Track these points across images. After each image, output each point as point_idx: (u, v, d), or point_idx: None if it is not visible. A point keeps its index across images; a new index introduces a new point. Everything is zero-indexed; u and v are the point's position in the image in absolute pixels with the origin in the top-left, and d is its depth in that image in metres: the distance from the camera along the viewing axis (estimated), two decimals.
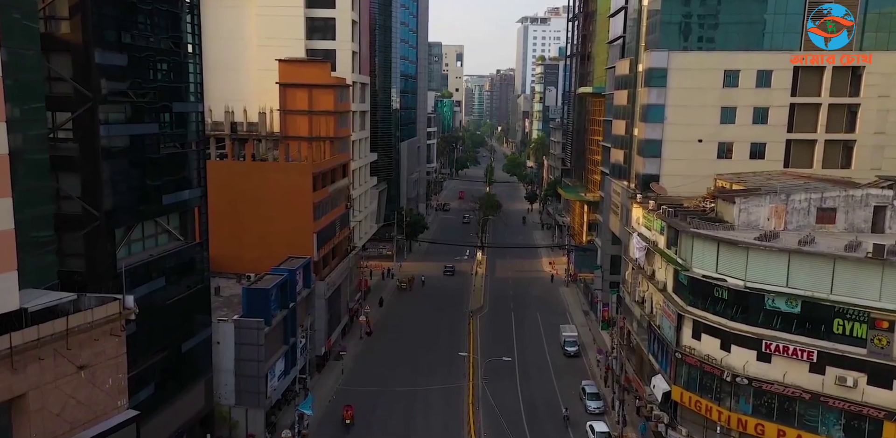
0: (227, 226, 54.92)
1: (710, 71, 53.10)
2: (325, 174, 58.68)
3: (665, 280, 44.99)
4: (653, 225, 48.71)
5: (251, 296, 44.17)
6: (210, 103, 67.64)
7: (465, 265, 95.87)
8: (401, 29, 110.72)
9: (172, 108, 36.44)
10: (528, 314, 74.24)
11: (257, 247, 54.95)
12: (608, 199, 69.04)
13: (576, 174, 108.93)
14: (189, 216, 39.14)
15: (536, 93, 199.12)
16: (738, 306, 37.59)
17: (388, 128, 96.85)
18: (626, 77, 63.72)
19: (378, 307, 77.16)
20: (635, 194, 55.08)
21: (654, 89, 54.31)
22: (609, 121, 75.05)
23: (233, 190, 54.78)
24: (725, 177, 50.98)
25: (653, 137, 55.08)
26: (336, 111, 61.87)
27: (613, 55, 75.25)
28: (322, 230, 57.16)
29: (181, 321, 38.02)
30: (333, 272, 60.00)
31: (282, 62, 61.27)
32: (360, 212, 76.01)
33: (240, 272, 54.75)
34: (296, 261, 52.27)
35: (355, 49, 70.74)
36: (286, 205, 54.56)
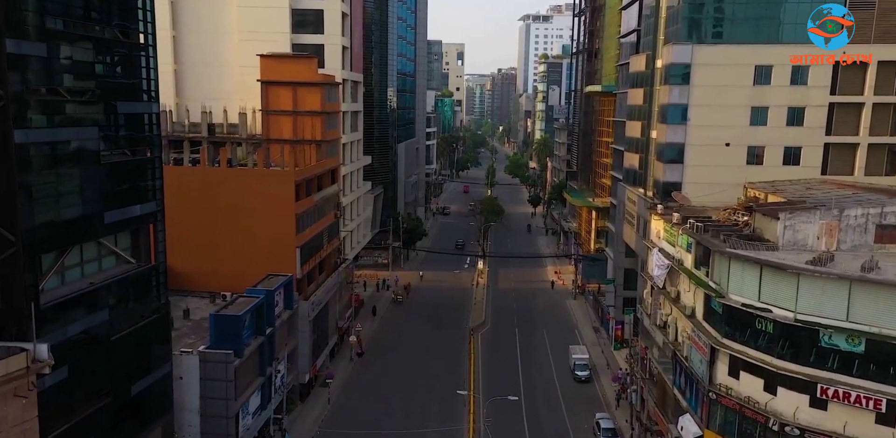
0: (200, 240, 49.44)
1: (740, 66, 47.35)
2: (311, 181, 53.06)
3: (693, 305, 39.33)
4: (677, 240, 43.06)
5: (220, 324, 38.55)
6: (187, 103, 62.48)
7: (465, 276, 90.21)
8: (398, 24, 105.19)
9: (118, 109, 30.80)
10: (533, 331, 68.62)
11: (234, 263, 49.35)
12: (621, 208, 63.36)
13: (582, 177, 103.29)
14: (142, 234, 33.52)
15: (539, 93, 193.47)
16: (787, 342, 31.94)
17: (384, 129, 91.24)
18: (642, 74, 58.05)
19: (371, 316, 71.82)
20: (654, 204, 49.39)
21: (676, 87, 48.63)
22: (621, 121, 69.40)
23: (207, 199, 49.24)
24: (758, 186, 45.32)
25: (674, 141, 49.39)
26: (323, 111, 56.27)
27: (626, 51, 69.57)
28: (306, 243, 51.55)
29: (131, 358, 32.38)
30: (320, 289, 54.37)
31: (264, 57, 55.67)
32: (351, 221, 70.38)
33: (214, 291, 49.17)
34: (275, 280, 46.65)
35: (346, 44, 65.08)
36: (266, 217, 48.95)
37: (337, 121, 61.03)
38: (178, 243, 49.67)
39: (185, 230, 49.23)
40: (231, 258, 49.39)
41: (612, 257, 69.53)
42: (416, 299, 78.57)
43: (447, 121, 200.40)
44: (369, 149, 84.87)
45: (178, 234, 49.56)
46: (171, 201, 49.10)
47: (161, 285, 34.61)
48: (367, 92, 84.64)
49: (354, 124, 71.64)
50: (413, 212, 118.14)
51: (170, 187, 49.17)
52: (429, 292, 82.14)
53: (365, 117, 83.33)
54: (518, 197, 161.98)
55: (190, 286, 49.67)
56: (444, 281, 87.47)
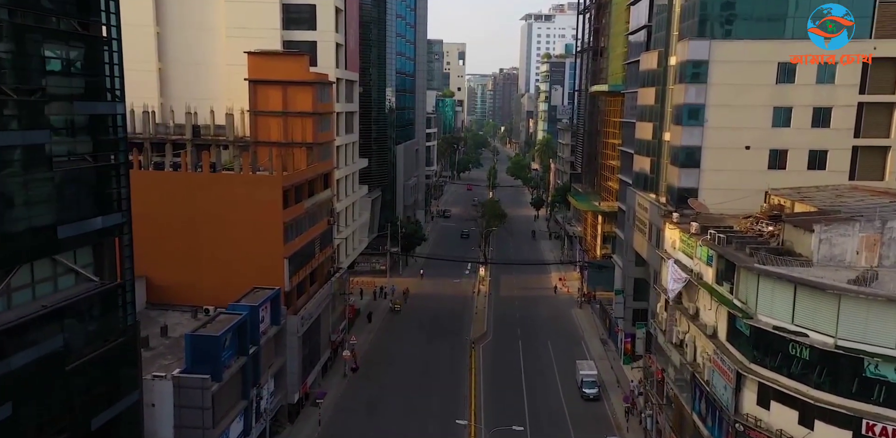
0: (181, 250, 46.17)
1: (762, 63, 43.98)
2: (301, 186, 49.69)
3: (715, 324, 35.93)
4: (695, 252, 39.66)
5: (196, 346, 35.21)
6: (172, 103, 59.19)
7: (466, 283, 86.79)
8: (397, 22, 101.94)
9: (76, 109, 27.49)
10: (537, 343, 65.20)
11: (218, 275, 46.01)
12: (630, 214, 59.95)
13: (587, 180, 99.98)
14: (106, 249, 30.19)
15: (542, 93, 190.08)
16: (826, 370, 28.56)
17: (382, 130, 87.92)
18: (654, 72, 54.67)
19: (367, 324, 68.70)
20: (669, 212, 46.00)
21: (693, 86, 45.25)
22: (629, 123, 66.08)
23: (188, 207, 45.92)
24: (782, 193, 41.91)
25: (690, 144, 46.01)
26: (315, 112, 52.92)
27: (634, 48, 66.20)
28: (296, 253, 48.18)
29: (92, 388, 29.06)
30: (311, 301, 51.00)
31: (251, 55, 52.33)
32: (346, 227, 67.05)
33: (197, 304, 45.83)
34: (261, 294, 43.31)
35: (340, 41, 61.73)
36: (251, 225, 45.58)
37: (330, 123, 57.70)
38: (157, 254, 46.61)
39: (165, 240, 46.09)
40: (214, 269, 46.06)
41: (620, 265, 66.12)
42: (414, 307, 75.20)
43: (448, 121, 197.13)
44: (367, 150, 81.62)
45: (157, 244, 46.49)
46: (150, 209, 46.29)
47: (128, 304, 31.28)
48: (365, 92, 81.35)
49: (350, 125, 68.30)
50: (412, 215, 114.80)
51: (149, 194, 46.36)
52: (428, 300, 78.78)
53: (362, 118, 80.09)
54: (520, 199, 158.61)
55: (171, 299, 46.42)
56: (445, 288, 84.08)
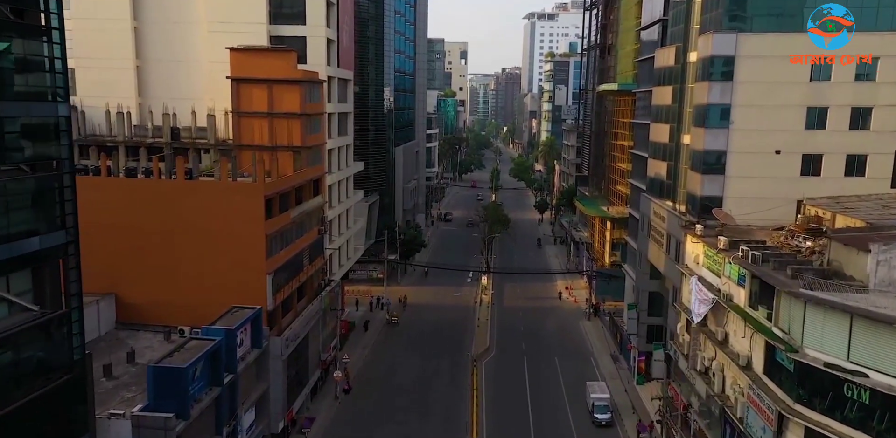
0: (153, 266, 42.06)
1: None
2: (287, 194, 45.52)
3: (749, 354, 31.68)
4: (723, 269, 35.43)
5: (160, 379, 30.96)
6: (151, 103, 55.04)
7: (467, 292, 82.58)
8: (395, 19, 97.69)
9: (5, 112, 23.31)
10: (544, 359, 60.93)
11: (194, 293, 41.84)
12: (645, 222, 55.66)
13: (594, 183, 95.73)
14: (47, 273, 26.00)
15: (545, 92, 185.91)
16: (889, 417, 24.27)
17: (380, 132, 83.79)
18: (670, 69, 50.41)
19: (363, 333, 64.77)
20: (691, 223, 41.74)
21: (717, 84, 40.98)
22: (642, 124, 61.83)
23: (161, 217, 41.77)
24: (819, 203, 37.63)
25: (714, 148, 41.75)
26: (304, 113, 48.77)
27: (647, 45, 61.93)
28: (281, 268, 44.00)
29: (29, 435, 24.91)
30: (298, 320, 46.82)
31: (234, 51, 48.25)
32: (339, 236, 62.85)
33: (171, 325, 41.62)
34: (240, 314, 39.05)
35: (331, 37, 57.49)
36: (231, 238, 41.42)
37: (321, 124, 53.49)
38: (128, 269, 42.52)
39: (136, 254, 42.01)
40: (190, 286, 41.90)
41: (632, 276, 61.85)
42: (413, 319, 71.03)
43: (450, 121, 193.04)
44: (363, 153, 77.56)
45: (128, 259, 42.36)
46: (119, 219, 42.22)
47: (76, 336, 27.04)
48: (362, 91, 77.36)
49: (343, 127, 64.07)
50: (412, 219, 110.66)
51: (119, 203, 42.32)
52: (428, 310, 74.63)
53: (359, 119, 76.09)
54: (524, 201, 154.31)
55: (142, 318, 42.29)
56: (445, 297, 79.87)
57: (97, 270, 41.88)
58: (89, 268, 41.96)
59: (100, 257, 41.82)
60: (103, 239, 41.78)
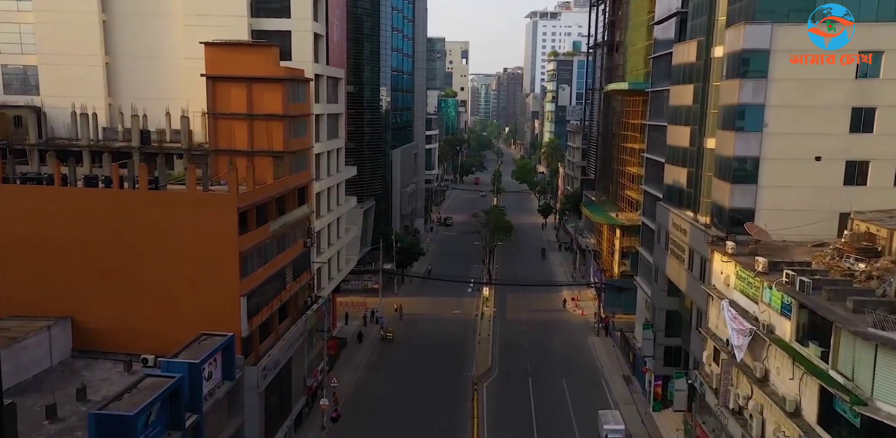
0: (114, 287, 37.35)
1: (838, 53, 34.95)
2: (266, 205, 40.86)
3: (797, 398, 26.98)
4: (761, 294, 30.77)
5: (103, 429, 26.28)
6: (122, 103, 50.41)
7: (468, 303, 77.91)
8: (393, 15, 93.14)
9: None
10: (550, 381, 56.18)
11: (159, 318, 37.23)
12: (662, 234, 50.94)
13: (601, 187, 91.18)
14: None
15: (548, 92, 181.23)
16: None
17: (376, 134, 79.09)
18: (691, 66, 45.73)
19: (357, 344, 61.09)
20: (720, 238, 37.03)
21: (748, 82, 36.27)
22: (657, 126, 57.21)
23: (122, 233, 37.10)
24: (870, 218, 32.96)
25: (745, 154, 37.02)
26: (287, 115, 44.16)
27: (662, 40, 57.31)
28: (258, 288, 39.33)
29: None
30: (279, 345, 42.11)
31: (209, 46, 43.62)
32: (329, 247, 58.18)
33: (133, 352, 36.91)
34: (209, 343, 34.49)
35: (319, 31, 52.83)
36: (200, 256, 36.76)
37: (306, 127, 48.83)
38: (86, 290, 37.56)
39: (95, 274, 37.30)
40: (155, 310, 37.26)
41: (646, 291, 57.16)
42: (409, 334, 66.33)
43: (451, 122, 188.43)
44: (359, 156, 72.97)
45: (86, 279, 37.40)
46: (76, 235, 37.56)
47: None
48: (357, 91, 72.79)
49: (334, 129, 59.40)
50: (411, 224, 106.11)
51: (75, 216, 37.66)
52: (425, 323, 69.99)
53: (354, 120, 71.64)
54: (527, 205, 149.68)
55: (102, 345, 37.53)
56: (445, 308, 75.21)
57: (51, 292, 37.67)
58: (42, 290, 37.94)
59: (54, 277, 37.58)
60: (58, 257, 37.37)
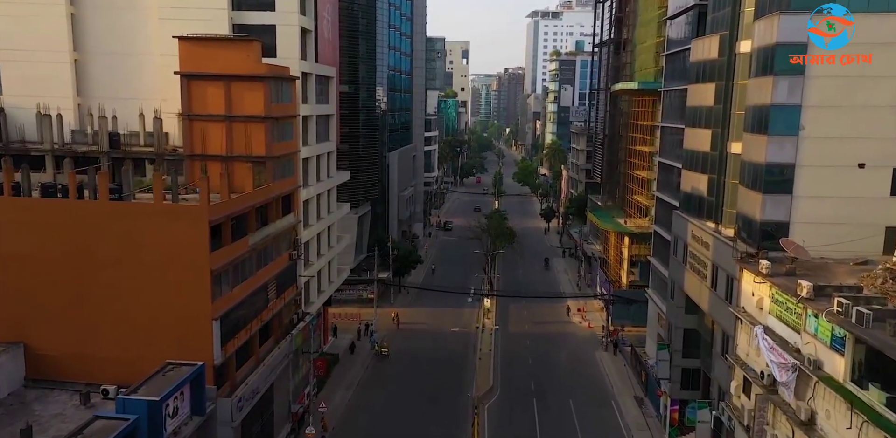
0: (73, 309, 33.37)
1: (887, 46, 31.01)
2: (244, 216, 36.90)
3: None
4: (804, 323, 26.79)
5: None
6: (91, 103, 46.47)
7: (468, 313, 73.93)
8: (390, 11, 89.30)
9: None
10: (557, 403, 52.16)
11: (121, 343, 33.30)
12: (679, 246, 46.91)
13: (607, 191, 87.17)
14: None
15: (550, 93, 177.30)
16: None
17: (372, 136, 75.11)
18: (712, 63, 41.75)
19: (348, 355, 58.26)
20: (750, 256, 33.02)
21: (784, 80, 32.26)
22: (671, 128, 53.36)
23: (81, 248, 33.11)
24: None
25: (779, 160, 33.02)
26: (269, 116, 40.21)
27: (677, 36, 53.40)
28: (235, 309, 35.35)
29: None
30: (259, 370, 38.07)
31: (183, 40, 39.71)
32: (321, 257, 54.23)
33: (93, 381, 32.98)
34: (175, 374, 30.51)
35: (307, 26, 48.89)
36: (167, 275, 32.80)
37: (292, 130, 44.82)
38: (41, 313, 33.36)
39: (51, 294, 33.24)
40: (117, 336, 33.31)
41: (658, 305, 53.20)
42: (405, 348, 62.28)
43: (451, 123, 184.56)
44: (353, 159, 69.12)
45: (41, 301, 33.18)
46: (30, 251, 33.30)
47: None
48: (351, 91, 68.90)
49: (324, 132, 55.39)
50: (409, 229, 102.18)
51: (27, 230, 33.15)
52: (423, 337, 65.99)
53: (349, 122, 67.93)
54: (529, 208, 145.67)
55: (58, 374, 33.59)
56: (443, 320, 71.23)
57: (1, 314, 33.80)
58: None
59: (5, 298, 33.57)
60: (9, 275, 33.37)
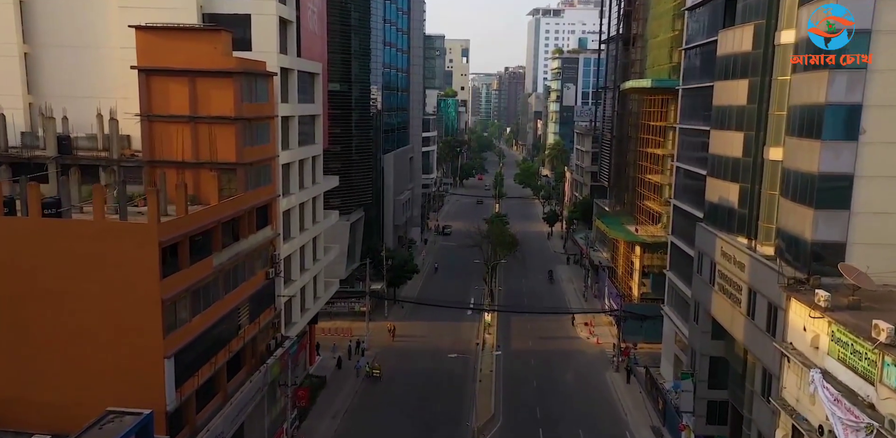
0: (0, 345, 28.43)
1: None
2: (208, 233, 31.88)
3: None
4: (877, 372, 21.77)
5: None
6: (43, 102, 41.28)
7: (468, 328, 68.92)
8: (384, 5, 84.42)
9: None
10: (565, 433, 47.12)
11: (60, 385, 28.32)
12: (705, 263, 41.81)
13: (615, 195, 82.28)
14: None
15: (552, 92, 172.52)
16: None
17: (366, 137, 70.17)
18: (745, 57, 36.67)
19: (336, 370, 54.59)
20: (800, 282, 27.98)
21: (841, 74, 27.28)
22: (689, 129, 48.42)
23: (11, 274, 28.09)
24: None
25: (834, 170, 28.03)
26: (240, 117, 35.25)
27: (698, 27, 48.43)
28: (194, 343, 30.30)
29: None
30: (225, 411, 32.98)
31: (140, 30, 34.85)
32: (305, 272, 49.16)
33: (26, 430, 28.05)
34: (115, 427, 25.37)
35: (287, 15, 43.77)
36: (111, 305, 27.78)
37: (269, 132, 39.76)
38: None
39: None
40: (55, 377, 28.32)
41: (677, 325, 48.22)
42: (399, 369, 57.17)
43: (451, 122, 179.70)
44: (345, 162, 64.43)
45: None
46: None
47: None
48: (343, 89, 64.03)
49: (308, 134, 50.23)
50: (405, 234, 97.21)
51: None
52: (418, 355, 60.82)
53: (341, 122, 63.36)
54: (530, 211, 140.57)
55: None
56: (441, 335, 66.23)
57: None
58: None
59: None
60: None
